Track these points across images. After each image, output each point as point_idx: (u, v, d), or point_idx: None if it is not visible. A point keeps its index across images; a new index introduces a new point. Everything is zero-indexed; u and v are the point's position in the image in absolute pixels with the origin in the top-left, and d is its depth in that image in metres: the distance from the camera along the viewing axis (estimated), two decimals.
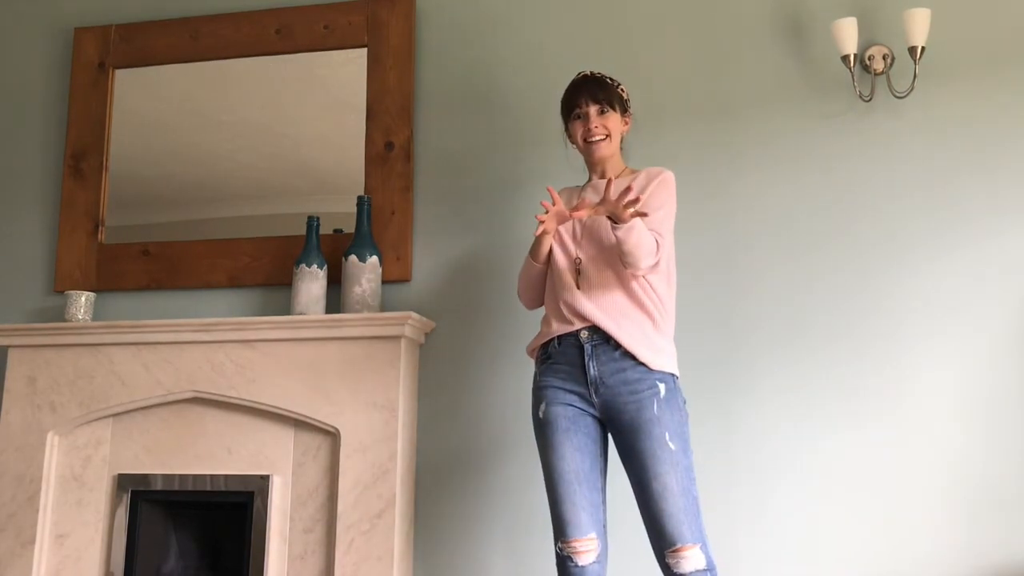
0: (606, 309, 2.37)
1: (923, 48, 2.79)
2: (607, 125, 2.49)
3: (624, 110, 2.55)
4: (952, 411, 2.72)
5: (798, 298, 2.86)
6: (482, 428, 2.99)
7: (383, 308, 3.07)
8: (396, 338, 2.93)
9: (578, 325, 2.38)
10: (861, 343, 2.80)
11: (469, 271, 3.08)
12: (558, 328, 2.41)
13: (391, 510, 2.84)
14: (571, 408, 2.36)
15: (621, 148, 2.58)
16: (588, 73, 2.56)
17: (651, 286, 2.40)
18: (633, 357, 2.33)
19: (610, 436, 2.42)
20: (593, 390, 2.35)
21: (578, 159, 2.63)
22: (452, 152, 3.18)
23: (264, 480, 2.96)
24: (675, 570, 2.24)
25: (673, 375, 2.38)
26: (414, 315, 2.93)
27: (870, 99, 2.90)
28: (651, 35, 3.10)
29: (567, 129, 2.57)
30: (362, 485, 2.86)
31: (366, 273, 2.99)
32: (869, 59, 2.89)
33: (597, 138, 2.49)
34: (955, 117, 2.86)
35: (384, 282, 3.09)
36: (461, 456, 2.99)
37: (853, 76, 2.87)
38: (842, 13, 2.92)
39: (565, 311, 2.40)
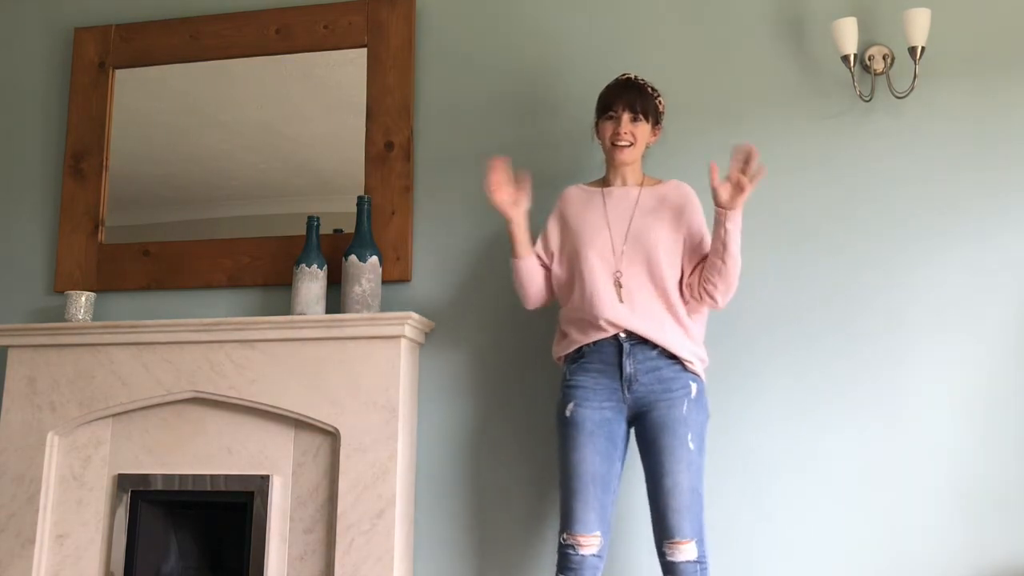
0: (647, 320, 2.46)
1: (923, 48, 2.79)
2: (635, 133, 2.59)
3: (656, 122, 2.64)
4: (952, 410, 2.72)
5: (797, 297, 2.86)
6: (482, 427, 2.99)
7: (383, 308, 3.07)
8: (396, 338, 2.92)
9: (617, 331, 2.47)
10: (861, 342, 2.80)
11: (469, 271, 3.08)
12: (595, 335, 2.48)
13: (391, 510, 2.83)
14: (599, 412, 2.45)
15: (643, 156, 2.67)
16: (632, 77, 2.64)
17: (684, 299, 2.55)
18: (670, 357, 2.46)
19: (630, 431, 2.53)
20: (626, 387, 2.44)
21: (599, 154, 2.71)
22: (452, 152, 3.18)
23: (264, 480, 2.95)
24: (668, 558, 2.38)
25: (702, 377, 2.52)
26: (414, 315, 2.93)
27: (870, 99, 2.90)
28: (651, 36, 3.10)
29: (597, 124, 2.66)
30: (362, 485, 2.86)
31: (366, 273, 2.99)
32: (869, 59, 2.89)
33: (623, 143, 2.58)
34: (955, 117, 2.86)
35: (384, 282, 3.09)
36: (461, 456, 2.99)
37: (853, 76, 2.87)
38: (842, 13, 2.92)
39: (605, 324, 2.47)
